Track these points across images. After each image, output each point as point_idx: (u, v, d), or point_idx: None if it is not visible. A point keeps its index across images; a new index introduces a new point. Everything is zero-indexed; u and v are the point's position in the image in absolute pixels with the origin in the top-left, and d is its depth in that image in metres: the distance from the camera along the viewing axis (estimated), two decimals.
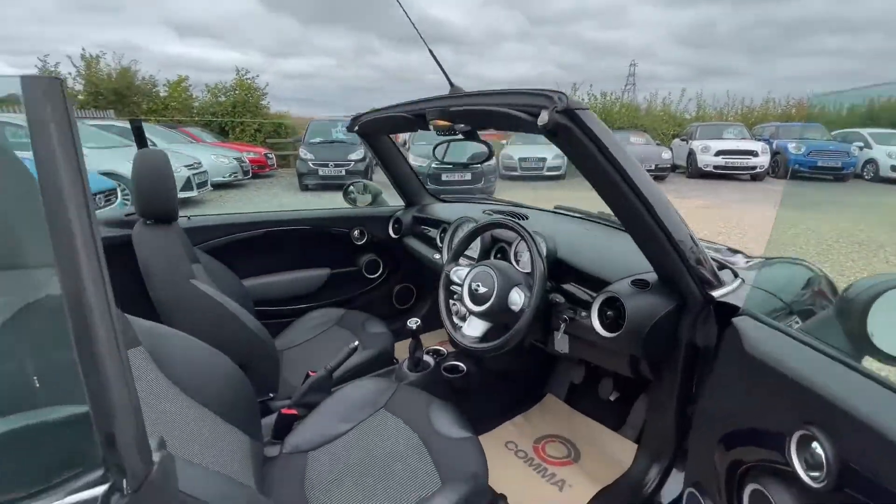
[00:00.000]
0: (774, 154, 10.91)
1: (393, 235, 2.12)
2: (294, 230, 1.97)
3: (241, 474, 0.88)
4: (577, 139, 0.85)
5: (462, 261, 1.36)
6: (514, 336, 1.09)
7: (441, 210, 2.00)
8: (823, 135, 11.42)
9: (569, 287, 1.25)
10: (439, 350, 1.66)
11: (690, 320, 1.06)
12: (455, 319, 1.33)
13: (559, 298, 1.18)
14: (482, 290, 1.16)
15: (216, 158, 8.49)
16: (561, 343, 1.19)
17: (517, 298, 1.12)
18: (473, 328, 1.21)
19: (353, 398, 1.22)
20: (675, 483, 1.23)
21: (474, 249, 1.58)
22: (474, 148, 1.34)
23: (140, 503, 0.38)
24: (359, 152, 8.68)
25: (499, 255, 1.50)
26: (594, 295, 1.17)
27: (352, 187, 2.28)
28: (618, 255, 1.29)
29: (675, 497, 1.22)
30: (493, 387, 1.68)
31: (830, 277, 1.35)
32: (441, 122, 1.24)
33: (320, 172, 8.57)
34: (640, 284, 1.08)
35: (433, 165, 7.22)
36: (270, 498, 0.98)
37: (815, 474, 0.62)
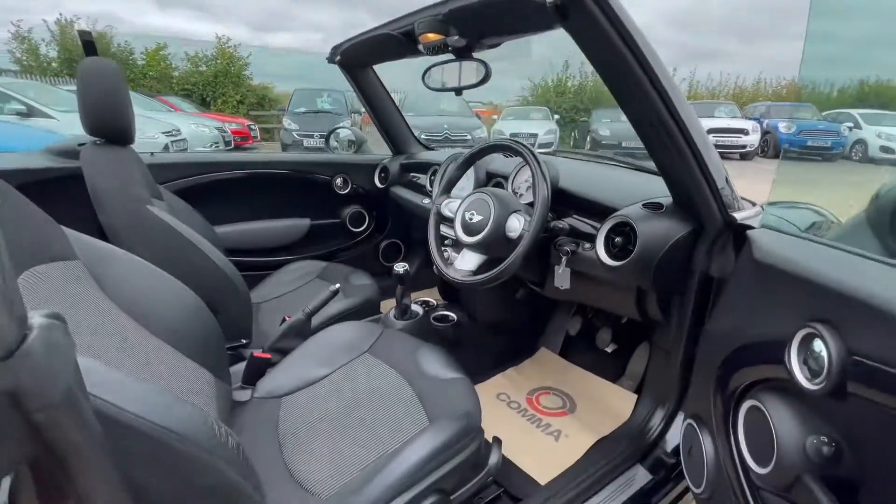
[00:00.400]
0: (765, 133, 10.89)
1: (379, 185, 1.98)
2: (271, 175, 1.82)
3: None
4: (594, 21, 0.72)
5: (456, 196, 1.24)
6: (512, 264, 0.99)
7: (431, 155, 1.87)
8: (814, 115, 11.41)
9: (571, 220, 1.14)
10: (428, 301, 1.55)
11: (707, 247, 0.97)
12: (447, 255, 1.22)
13: (562, 224, 1.07)
14: (477, 218, 1.05)
15: (196, 128, 8.14)
16: (562, 278, 1.09)
17: (515, 224, 1.01)
18: (466, 261, 1.10)
19: (334, 342, 1.11)
20: (679, 428, 1.15)
21: (466, 189, 1.46)
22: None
23: (13, 384, 0.26)
24: (345, 124, 8.43)
25: None
26: (598, 226, 1.06)
27: (336, 132, 2.12)
28: (623, 185, 1.19)
29: (678, 443, 1.14)
30: (484, 339, 1.58)
31: (842, 220, 1.27)
32: (431, 36, 1.10)
33: (305, 144, 8.28)
34: (652, 207, 0.98)
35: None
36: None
37: (814, 378, 0.58)
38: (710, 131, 10.50)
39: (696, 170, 0.87)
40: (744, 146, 10.54)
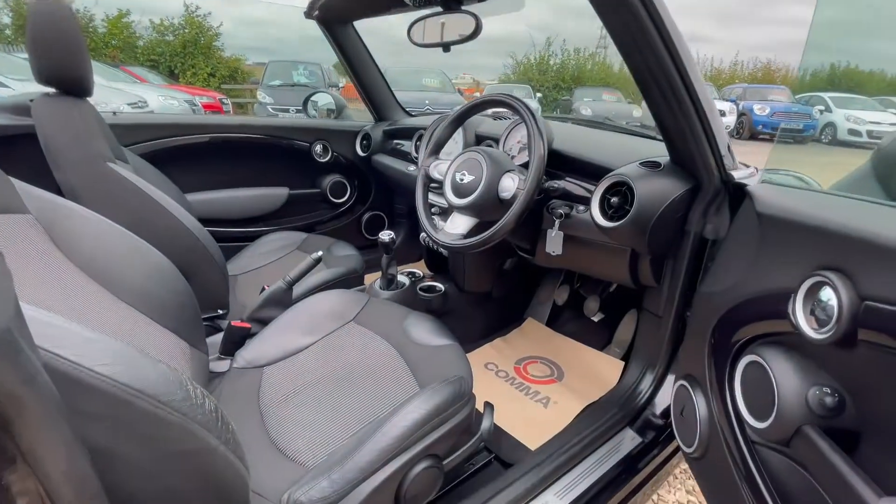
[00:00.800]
0: (740, 115, 11.07)
1: (361, 153, 1.90)
2: (246, 140, 1.72)
3: None
4: None
5: (443, 157, 1.18)
6: (506, 224, 0.95)
7: (415, 121, 1.80)
8: (788, 97, 11.65)
9: (564, 183, 1.10)
10: (415, 272, 1.50)
11: (703, 207, 0.95)
12: (436, 220, 1.17)
13: (557, 185, 1.03)
14: (468, 178, 1.00)
15: (165, 100, 7.73)
16: (554, 242, 1.06)
17: (509, 184, 0.97)
18: (457, 225, 1.06)
19: (318, 310, 1.05)
20: (669, 392, 1.16)
21: (454, 152, 1.40)
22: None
23: None
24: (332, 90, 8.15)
25: None
26: (592, 189, 1.03)
27: (314, 97, 2.02)
28: (619, 147, 1.15)
29: (667, 406, 1.15)
30: (471, 309, 1.55)
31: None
32: None
33: (281, 118, 7.99)
34: (649, 165, 0.95)
35: None
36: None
37: (821, 328, 0.55)
38: None
39: (699, 127, 0.85)
40: None
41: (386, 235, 1.27)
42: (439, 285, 1.44)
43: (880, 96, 12.32)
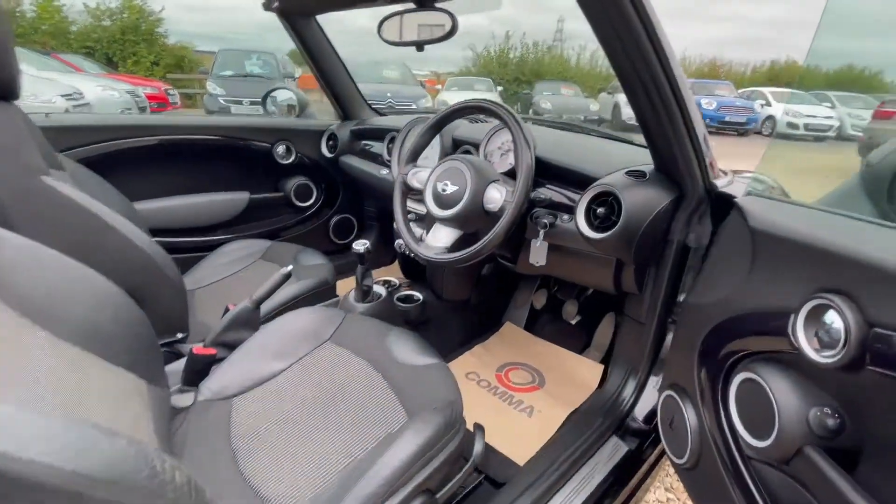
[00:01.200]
0: None
1: (327, 154, 1.80)
2: (201, 142, 1.59)
3: (134, 428, 0.63)
4: None
5: (425, 161, 1.12)
6: (494, 238, 0.90)
7: (386, 121, 1.72)
8: (732, 92, 12.28)
9: (547, 191, 1.08)
10: (391, 280, 1.44)
11: (686, 216, 0.95)
12: (415, 229, 1.11)
13: (543, 195, 1.00)
14: (451, 189, 0.95)
15: (103, 91, 7.15)
16: (538, 253, 1.03)
17: (495, 196, 0.92)
18: (439, 237, 1.00)
19: (290, 331, 0.98)
20: (651, 398, 1.16)
21: (430, 159, 1.34)
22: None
23: None
24: (291, 83, 7.80)
25: None
26: (576, 198, 1.01)
27: (273, 94, 1.89)
28: (601, 153, 1.14)
29: (650, 412, 1.15)
30: (450, 317, 1.51)
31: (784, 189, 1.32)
32: None
33: (233, 111, 7.57)
34: (635, 175, 0.93)
35: None
36: (183, 457, 0.74)
37: (827, 351, 0.54)
38: None
39: (685, 134, 0.83)
40: None
41: (360, 245, 1.20)
42: (417, 294, 1.38)
43: (815, 90, 13.26)
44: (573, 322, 1.54)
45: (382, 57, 9.48)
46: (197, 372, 0.93)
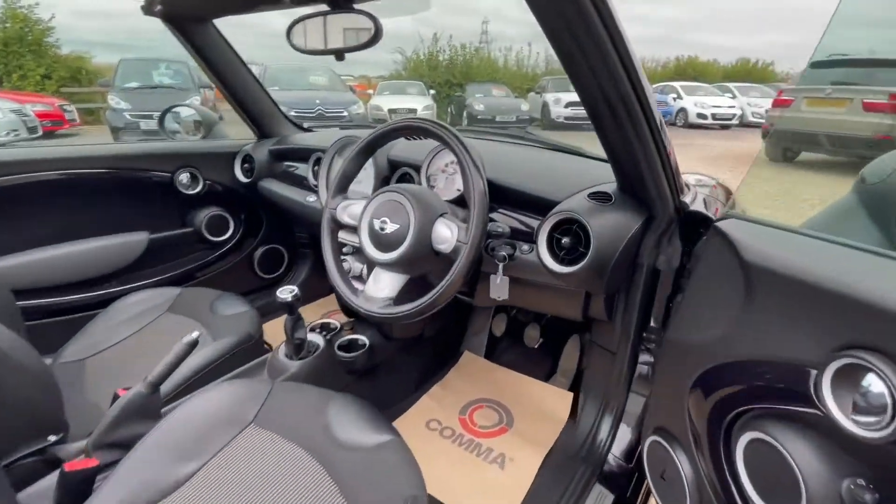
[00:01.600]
0: None
1: (243, 179, 1.56)
2: (82, 177, 1.29)
3: None
4: None
5: (353, 194, 0.94)
6: (450, 287, 0.75)
7: (310, 139, 1.51)
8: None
9: (502, 217, 0.94)
10: (328, 324, 1.24)
11: (655, 238, 0.85)
12: (352, 278, 0.93)
13: (501, 227, 0.86)
14: (391, 227, 0.78)
15: None
16: (499, 289, 0.89)
17: (445, 233, 0.76)
18: (382, 286, 0.83)
19: (201, 417, 0.77)
20: (627, 433, 1.07)
21: (365, 184, 1.16)
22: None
23: None
24: (194, 100, 7.16)
25: None
26: (534, 224, 0.88)
27: (173, 111, 1.62)
28: (555, 171, 1.02)
29: (628, 447, 1.06)
30: (403, 358, 1.34)
31: (726, 184, 1.29)
32: None
33: (142, 126, 6.84)
34: (599, 198, 0.82)
35: None
36: None
37: (865, 418, 0.45)
38: (569, 105, 11.40)
39: (656, 155, 0.73)
40: None
41: (287, 293, 0.99)
42: (362, 338, 1.20)
43: (718, 83, 14.48)
44: (536, 346, 1.43)
45: (309, 62, 9.04)
46: (74, 494, 0.70)
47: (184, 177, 1.48)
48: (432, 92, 11.21)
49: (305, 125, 1.73)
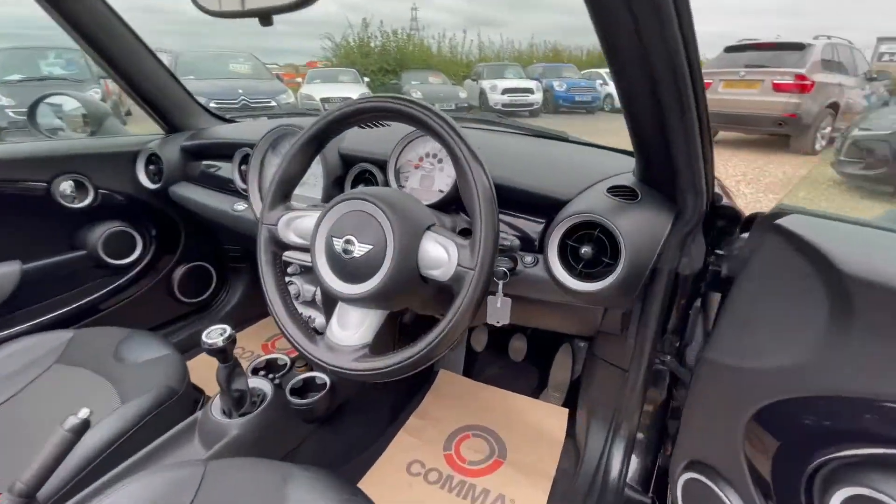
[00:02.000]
0: (545, 92, 12.37)
1: (149, 185, 1.25)
2: None
3: None
4: None
5: (297, 201, 0.70)
6: (456, 327, 0.54)
7: (233, 131, 1.23)
8: (576, 74, 13.49)
9: (505, 226, 0.76)
10: (275, 361, 1.00)
11: (680, 239, 0.71)
12: (302, 304, 0.70)
13: (508, 240, 0.67)
14: (360, 248, 0.56)
15: None
16: (500, 312, 0.71)
17: (438, 254, 0.55)
18: (351, 328, 0.61)
19: None
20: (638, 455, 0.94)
21: (312, 187, 0.92)
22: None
23: None
24: (93, 93, 6.24)
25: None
26: (536, 229, 0.71)
27: (49, 102, 1.26)
28: (555, 162, 0.85)
29: (642, 474, 0.93)
30: (370, 391, 1.12)
31: None
32: None
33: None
34: (623, 194, 0.66)
35: None
36: None
37: None
38: (505, 91, 11.43)
39: (699, 141, 0.58)
40: (531, 104, 11.73)
41: (215, 336, 0.74)
42: (320, 376, 0.96)
43: None
44: (521, 360, 1.27)
45: (228, 49, 8.24)
46: None
47: (65, 186, 1.14)
48: (366, 80, 10.74)
49: (228, 117, 1.44)
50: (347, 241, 0.57)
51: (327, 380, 0.95)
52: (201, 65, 7.08)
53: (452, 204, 0.75)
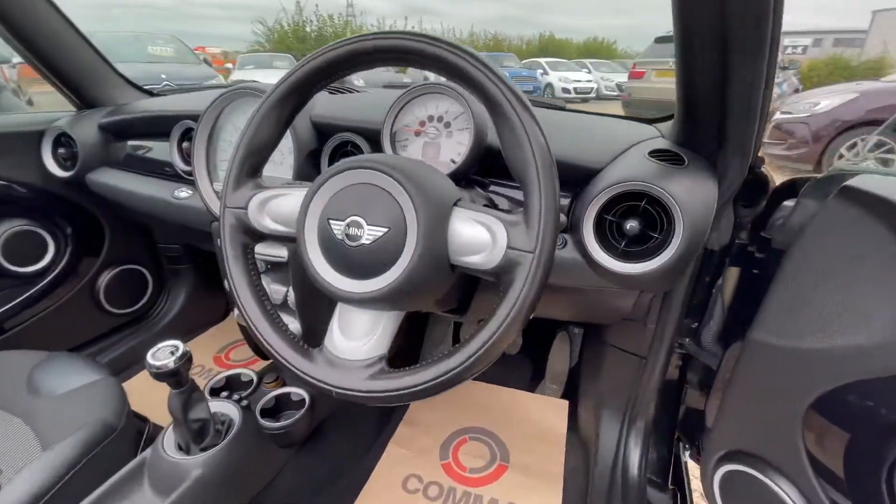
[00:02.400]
0: None
1: (59, 172, 1.01)
2: None
3: None
4: None
5: (269, 179, 0.55)
6: (511, 328, 0.43)
7: (166, 103, 1.02)
8: (517, 63, 13.70)
9: (498, 195, 0.65)
10: (237, 377, 0.83)
11: (717, 209, 0.64)
12: (294, 330, 0.56)
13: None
14: (370, 233, 0.42)
15: None
16: None
17: (479, 235, 0.43)
18: (360, 338, 0.48)
19: None
20: (658, 447, 0.89)
21: (280, 164, 0.76)
22: None
23: None
24: None
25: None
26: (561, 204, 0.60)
27: None
28: (576, 129, 0.75)
29: (659, 463, 0.88)
30: (352, 405, 0.98)
31: None
32: None
33: None
34: (669, 158, 0.57)
35: None
36: None
37: None
38: None
39: (761, 98, 0.50)
40: None
41: (164, 354, 0.58)
42: (296, 391, 0.81)
43: (575, 59, 15.72)
44: (516, 352, 1.19)
45: (145, 32, 7.42)
46: None
47: None
48: None
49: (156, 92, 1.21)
50: (352, 225, 0.43)
51: (305, 396, 0.81)
52: (118, 48, 6.28)
53: (464, 178, 0.63)
